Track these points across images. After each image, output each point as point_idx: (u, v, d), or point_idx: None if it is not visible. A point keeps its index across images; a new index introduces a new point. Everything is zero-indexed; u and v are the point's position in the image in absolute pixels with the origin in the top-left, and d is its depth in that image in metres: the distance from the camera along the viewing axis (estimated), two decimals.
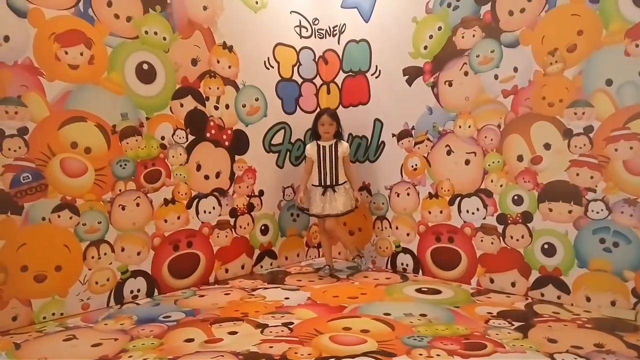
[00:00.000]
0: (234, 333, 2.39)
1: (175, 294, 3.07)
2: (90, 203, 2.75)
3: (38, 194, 2.55)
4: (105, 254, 2.83)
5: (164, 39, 3.04)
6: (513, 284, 3.02)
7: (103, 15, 2.76)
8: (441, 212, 3.36)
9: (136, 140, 2.93)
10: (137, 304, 2.90)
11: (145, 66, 2.96)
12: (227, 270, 3.46)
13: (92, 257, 2.78)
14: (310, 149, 3.48)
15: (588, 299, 2.72)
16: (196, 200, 3.26)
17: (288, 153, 3.86)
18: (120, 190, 2.87)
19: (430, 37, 3.35)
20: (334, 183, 3.37)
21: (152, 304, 2.90)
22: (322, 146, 3.41)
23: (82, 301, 2.74)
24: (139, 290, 2.98)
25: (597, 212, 2.67)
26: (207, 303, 2.89)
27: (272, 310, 2.74)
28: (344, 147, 3.45)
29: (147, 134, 2.99)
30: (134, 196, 2.94)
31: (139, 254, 2.98)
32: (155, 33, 3.00)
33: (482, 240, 3.16)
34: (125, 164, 2.89)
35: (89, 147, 2.74)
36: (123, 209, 2.89)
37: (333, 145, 3.42)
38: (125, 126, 2.89)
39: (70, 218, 2.68)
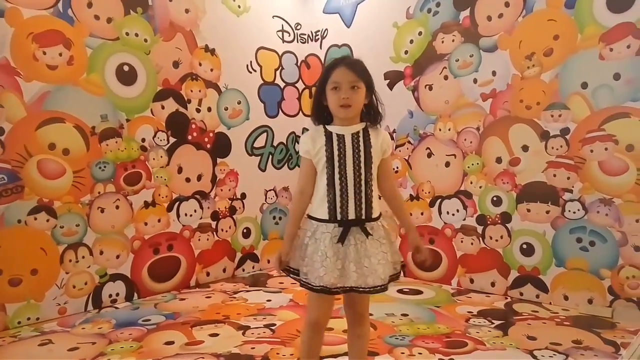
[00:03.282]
0: (215, 335, 2.37)
1: (155, 298, 3.03)
2: (68, 205, 2.70)
3: (14, 196, 2.50)
4: (83, 257, 2.77)
5: (145, 40, 3.02)
6: (493, 284, 3.05)
7: (83, 16, 2.74)
8: (422, 213, 3.39)
9: (116, 142, 2.90)
10: (116, 307, 2.85)
11: (125, 68, 2.93)
12: (208, 274, 3.42)
13: (70, 261, 2.72)
14: (311, 142, 1.63)
15: (566, 298, 2.76)
16: (177, 203, 3.23)
17: (270, 156, 3.85)
18: (99, 193, 2.83)
19: (411, 41, 3.40)
20: (362, 216, 1.59)
21: (132, 307, 2.86)
22: (338, 136, 1.62)
23: (58, 305, 2.68)
24: (117, 294, 2.93)
25: (574, 212, 2.72)
26: (187, 306, 2.86)
27: (254, 312, 2.72)
28: (382, 138, 1.65)
29: (128, 136, 2.95)
30: (113, 198, 2.90)
31: (118, 257, 2.93)
32: (137, 35, 2.98)
33: (462, 241, 3.19)
34: (105, 166, 2.85)
35: (67, 148, 2.69)
36: (102, 211, 2.85)
37: (361, 135, 1.62)
38: (105, 128, 2.85)
39: (47, 220, 2.62)
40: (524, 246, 2.92)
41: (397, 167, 3.49)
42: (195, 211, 3.33)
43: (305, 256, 1.59)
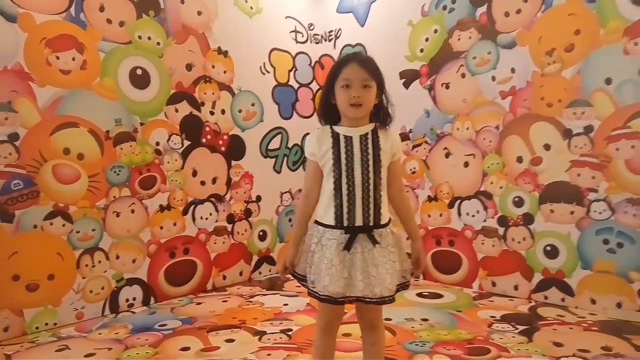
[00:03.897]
0: (231, 341, 2.33)
1: (171, 302, 3.01)
2: (83, 210, 2.69)
3: (29, 201, 2.49)
4: (99, 261, 2.77)
5: (158, 44, 3.01)
6: (516, 287, 2.97)
7: (95, 20, 2.73)
8: (441, 215, 3.32)
9: (130, 146, 2.89)
10: (133, 312, 2.84)
11: (139, 71, 2.92)
12: (224, 277, 3.39)
13: (86, 265, 2.71)
14: (317, 143, 1.57)
15: (593, 301, 2.67)
16: (192, 207, 3.21)
17: (285, 158, 3.81)
18: (114, 197, 2.82)
19: (427, 39, 3.33)
20: (370, 222, 1.52)
21: (148, 312, 2.84)
22: (346, 137, 1.54)
23: (76, 310, 2.67)
24: (134, 299, 2.92)
25: (600, 213, 2.63)
26: (204, 311, 2.83)
27: (270, 317, 2.68)
28: (391, 140, 1.57)
29: (142, 140, 2.94)
30: (128, 203, 2.89)
31: (134, 261, 2.92)
32: (149, 38, 2.96)
33: (482, 243, 3.11)
34: (120, 170, 2.84)
35: (82, 153, 2.68)
36: (117, 215, 2.84)
37: (370, 136, 1.54)
38: (119, 132, 2.84)
39: (63, 225, 2.62)
40: (548, 248, 2.82)
41: (414, 168, 3.42)
42: (210, 214, 3.31)
43: (312, 263, 1.54)
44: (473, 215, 3.15)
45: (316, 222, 1.59)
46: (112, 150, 2.82)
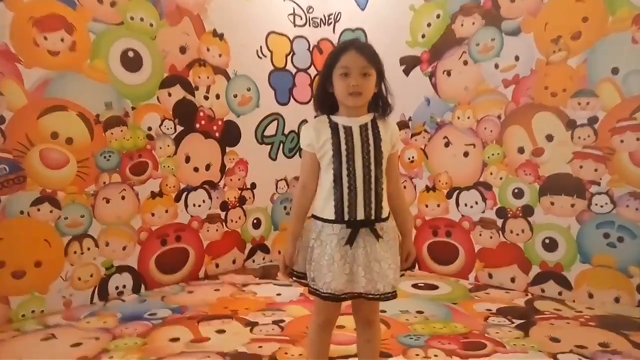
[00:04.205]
0: (222, 332, 2.28)
1: (162, 290, 2.96)
2: (72, 196, 2.62)
3: (16, 187, 2.42)
4: (88, 248, 2.70)
5: (151, 25, 2.91)
6: (512, 280, 2.92)
7: (85, 0, 2.63)
8: (438, 205, 3.25)
9: (121, 131, 2.81)
10: (123, 300, 2.79)
11: (130, 53, 2.83)
12: (217, 265, 3.34)
13: (75, 252, 2.65)
14: (315, 134, 1.49)
15: (591, 296, 2.62)
16: (185, 193, 3.14)
17: (281, 145, 3.74)
18: (104, 183, 2.75)
19: (429, 25, 3.23)
20: (372, 216, 1.46)
21: (138, 300, 2.79)
22: (345, 128, 1.47)
23: (64, 298, 2.62)
24: (124, 287, 2.87)
25: (601, 206, 2.57)
26: (195, 299, 2.78)
27: (262, 307, 2.63)
28: (391, 131, 1.51)
29: (133, 124, 2.86)
30: (119, 189, 2.82)
31: (124, 248, 2.86)
32: (142, 19, 2.86)
33: (480, 235, 3.05)
34: (110, 156, 2.77)
35: (71, 137, 2.61)
36: (107, 202, 2.77)
37: (370, 127, 1.48)
38: (110, 116, 2.76)
39: (51, 212, 2.55)
40: (547, 241, 2.77)
41: (413, 157, 3.35)
42: (203, 201, 3.24)
43: (312, 260, 1.47)
44: (471, 206, 3.09)
45: (314, 216, 1.52)
46: (102, 135, 2.74)
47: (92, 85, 2.68)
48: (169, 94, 3.02)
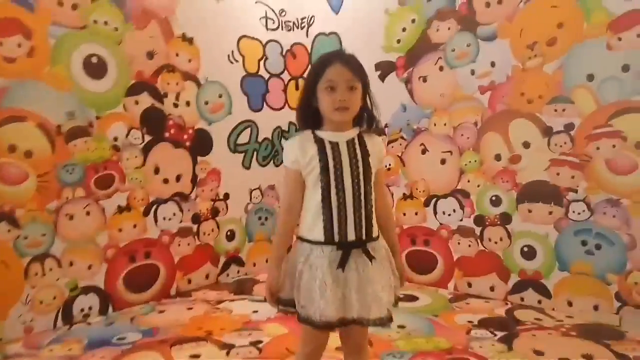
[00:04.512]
0: (196, 357, 2.16)
1: (132, 310, 2.81)
2: (32, 213, 2.45)
3: None
4: (50, 269, 2.53)
5: (116, 29, 2.76)
6: (492, 288, 2.90)
7: (44, 3, 2.46)
8: (416, 213, 3.21)
9: (85, 142, 2.65)
10: (89, 323, 2.63)
11: (94, 59, 2.67)
12: (190, 281, 3.20)
13: (36, 274, 2.48)
14: (300, 150, 1.40)
15: (570, 304, 2.62)
16: (154, 207, 2.99)
17: (255, 153, 3.62)
18: (67, 198, 2.58)
19: (404, 30, 3.18)
20: (363, 235, 1.39)
21: (106, 322, 2.63)
22: (332, 143, 1.40)
23: (24, 324, 2.44)
24: (90, 308, 2.70)
25: (579, 213, 2.57)
26: (167, 320, 2.64)
27: (239, 326, 2.51)
28: (377, 146, 1.47)
29: (98, 135, 2.70)
30: (83, 204, 2.65)
31: (90, 267, 2.70)
32: (106, 23, 2.71)
33: (459, 243, 3.02)
34: (73, 169, 2.60)
35: (30, 150, 2.43)
36: (71, 218, 2.60)
37: (357, 141, 1.42)
38: (73, 126, 2.59)
39: (9, 231, 2.37)
40: (525, 249, 2.76)
41: (390, 164, 3.29)
42: (174, 214, 3.10)
43: (301, 286, 1.38)
44: (449, 214, 3.06)
45: (300, 238, 1.43)
46: (65, 147, 2.57)
47: (53, 94, 2.51)
48: (136, 102, 2.87)
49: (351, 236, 1.37)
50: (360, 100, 1.40)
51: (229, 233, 3.46)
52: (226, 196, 3.43)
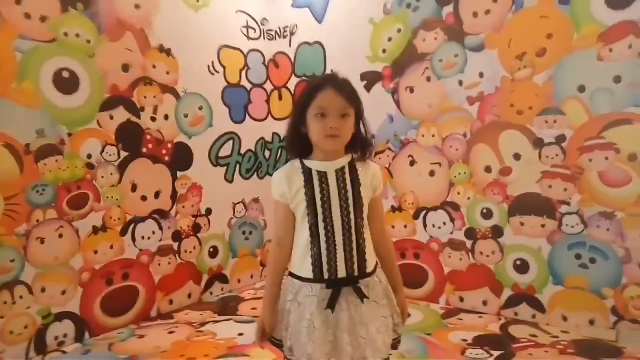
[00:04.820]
0: None
1: (109, 336, 2.66)
2: None
3: None
4: (21, 297, 2.37)
5: (88, 41, 2.61)
6: (484, 303, 2.83)
7: (10, 14, 2.31)
8: (405, 226, 3.13)
9: (56, 161, 2.49)
10: (63, 352, 2.47)
11: (65, 73, 2.52)
12: (171, 302, 3.06)
13: (5, 303, 2.31)
14: (286, 182, 1.33)
15: (564, 318, 2.56)
16: (132, 225, 2.85)
17: (237, 166, 3.50)
18: (37, 221, 2.43)
19: (389, 39, 3.11)
20: (355, 272, 1.30)
21: (82, 350, 2.48)
22: (320, 173, 1.32)
23: None
24: (65, 335, 2.54)
25: (572, 226, 2.52)
26: (146, 346, 2.50)
27: (223, 351, 2.39)
28: (372, 173, 1.36)
29: (70, 153, 2.55)
30: (55, 226, 2.50)
31: (63, 292, 2.54)
32: (77, 35, 2.56)
33: (450, 256, 2.95)
34: (43, 189, 2.45)
35: None
36: (42, 242, 2.44)
37: (347, 170, 1.32)
38: (42, 144, 2.44)
39: None
40: (518, 262, 2.70)
41: None
42: (153, 233, 2.96)
43: (289, 325, 1.28)
44: (439, 227, 2.98)
45: (290, 274, 1.34)
46: (34, 167, 2.41)
47: (20, 111, 2.36)
48: (111, 117, 2.73)
49: (342, 272, 1.28)
50: (353, 127, 1.31)
51: (211, 249, 3.33)
52: (208, 211, 3.30)
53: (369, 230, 1.36)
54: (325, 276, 1.27)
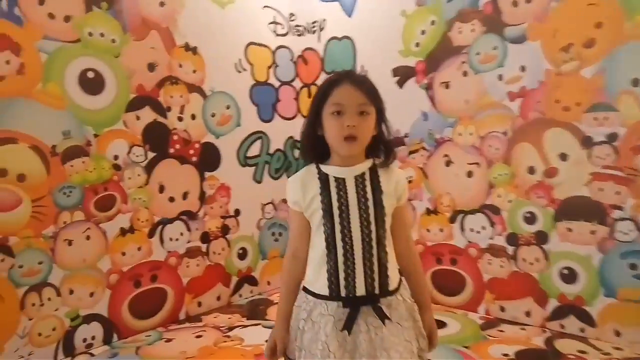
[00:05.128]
0: None
1: (138, 339, 2.63)
2: (27, 240, 2.28)
3: None
4: (49, 299, 2.37)
5: (113, 41, 2.58)
6: (527, 314, 2.64)
7: (34, 15, 2.29)
8: (441, 230, 2.97)
9: (83, 162, 2.47)
10: (92, 354, 2.46)
11: (90, 74, 2.49)
12: (200, 304, 3.02)
13: (33, 305, 2.31)
14: (301, 189, 1.22)
15: (617, 333, 2.35)
16: (160, 227, 2.81)
17: (267, 166, 3.42)
18: (65, 223, 2.41)
19: (423, 32, 2.94)
20: (375, 289, 1.17)
21: (110, 353, 2.46)
22: (337, 180, 1.20)
23: (21, 358, 2.28)
24: (93, 338, 2.53)
25: (626, 233, 2.30)
26: (173, 351, 2.45)
27: (251, 359, 2.31)
28: (395, 180, 1.23)
29: (96, 154, 2.52)
30: (82, 228, 2.48)
31: (92, 295, 2.53)
32: (102, 35, 2.53)
33: (489, 263, 2.77)
34: (71, 191, 2.43)
35: (23, 173, 2.26)
36: (70, 244, 2.43)
37: (367, 177, 1.21)
38: (69, 146, 2.42)
39: (2, 260, 2.21)
40: (565, 271, 2.50)
41: (411, 177, 3.05)
42: (181, 234, 2.92)
43: (302, 346, 1.17)
44: (478, 232, 2.81)
45: (304, 289, 1.23)
46: (61, 168, 2.40)
47: (46, 113, 2.34)
48: (137, 118, 2.69)
49: (360, 290, 1.15)
50: (374, 128, 1.18)
51: (240, 251, 3.27)
52: (237, 212, 3.23)
53: (395, 243, 1.23)
54: (343, 294, 1.15)
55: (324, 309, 1.16)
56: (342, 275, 1.15)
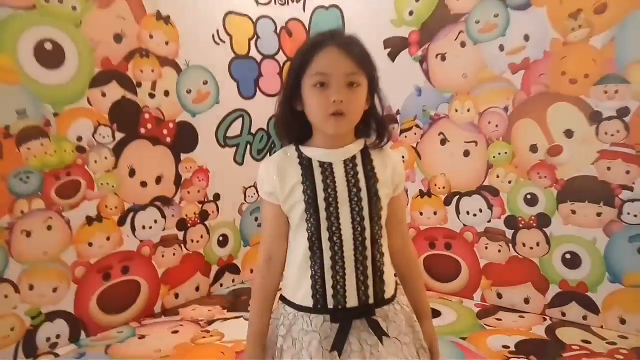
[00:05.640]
0: None
1: (108, 335, 2.42)
2: None
3: None
4: (5, 296, 2.13)
5: (74, 8, 2.30)
6: (526, 300, 2.50)
7: None
8: (435, 213, 2.79)
9: (41, 145, 2.22)
10: (56, 354, 2.24)
11: (48, 45, 2.22)
12: (177, 295, 2.81)
13: None
14: (278, 176, 0.99)
15: (622, 321, 2.21)
16: (131, 214, 2.58)
17: (248, 146, 3.19)
18: (22, 212, 2.17)
19: (417, 0, 2.72)
20: (369, 298, 0.97)
21: (76, 353, 2.25)
22: (323, 165, 0.98)
23: None
24: (58, 337, 2.31)
25: (635, 215, 2.15)
26: (147, 349, 2.25)
27: (231, 357, 2.12)
28: (392, 165, 1.02)
29: (57, 135, 2.27)
30: (43, 217, 2.24)
31: (55, 290, 2.30)
32: (60, 1, 2.25)
33: (486, 248, 2.61)
34: (28, 177, 2.18)
35: None
36: (28, 235, 2.19)
37: (359, 161, 1.00)
38: (25, 126, 2.16)
39: None
40: (567, 256, 2.34)
41: (403, 157, 2.86)
42: (155, 222, 2.69)
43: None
44: (475, 214, 2.64)
45: (282, 298, 1.02)
46: (16, 151, 2.14)
47: None
48: (103, 94, 2.43)
49: (352, 301, 0.95)
50: (365, 102, 0.96)
51: (220, 238, 3.06)
52: (216, 197, 3.01)
53: (390, 240, 1.03)
54: (330, 305, 0.95)
55: (306, 323, 0.95)
56: (329, 282, 0.95)
